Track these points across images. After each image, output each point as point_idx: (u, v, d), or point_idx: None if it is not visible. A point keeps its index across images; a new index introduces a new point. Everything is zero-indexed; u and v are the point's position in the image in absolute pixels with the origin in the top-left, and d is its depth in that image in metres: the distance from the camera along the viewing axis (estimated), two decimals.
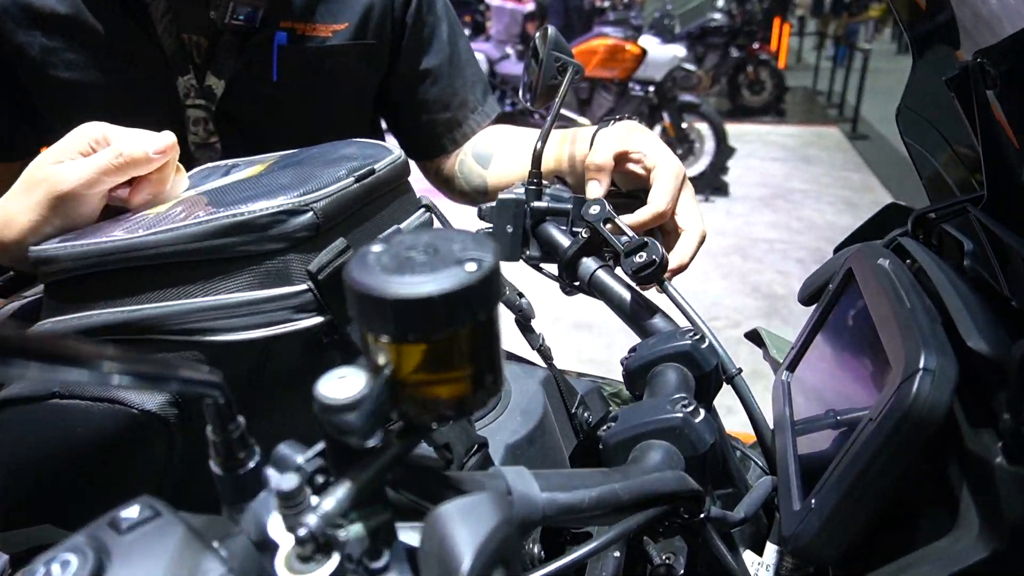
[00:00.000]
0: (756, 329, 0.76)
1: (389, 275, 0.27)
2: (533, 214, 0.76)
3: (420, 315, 0.26)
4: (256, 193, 0.48)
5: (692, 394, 0.54)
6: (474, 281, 0.27)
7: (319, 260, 0.45)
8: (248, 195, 0.48)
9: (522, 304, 0.63)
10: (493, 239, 0.79)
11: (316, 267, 0.44)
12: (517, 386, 0.61)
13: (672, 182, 0.69)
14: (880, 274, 0.47)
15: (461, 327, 0.28)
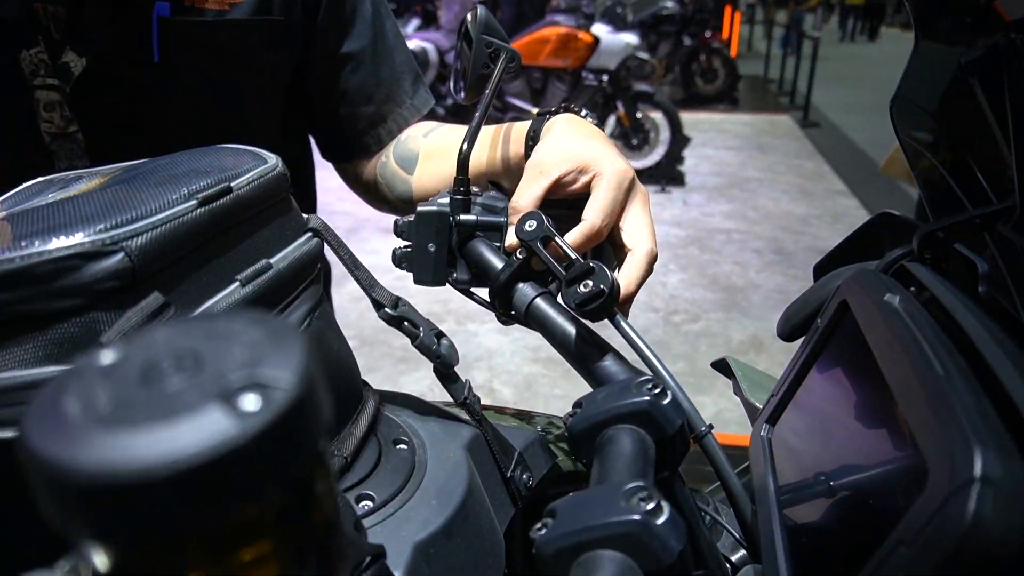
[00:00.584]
0: (724, 359, 0.65)
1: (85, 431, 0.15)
2: (460, 229, 0.64)
3: (131, 510, 0.14)
4: (51, 226, 0.34)
5: (652, 465, 0.42)
6: (251, 436, 0.15)
7: (121, 326, 0.31)
8: (39, 228, 0.34)
9: (441, 348, 0.50)
10: None
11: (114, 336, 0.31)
12: (434, 454, 0.48)
13: (611, 194, 0.58)
14: (890, 317, 0.36)
15: (231, 515, 0.15)
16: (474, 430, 0.52)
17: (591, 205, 0.57)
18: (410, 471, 0.46)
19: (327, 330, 0.46)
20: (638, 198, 0.60)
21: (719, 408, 2.64)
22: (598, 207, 0.57)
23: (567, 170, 0.59)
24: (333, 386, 0.46)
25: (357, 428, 0.47)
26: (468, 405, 0.51)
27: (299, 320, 0.43)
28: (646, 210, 0.60)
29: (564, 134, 0.64)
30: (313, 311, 0.45)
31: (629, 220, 0.58)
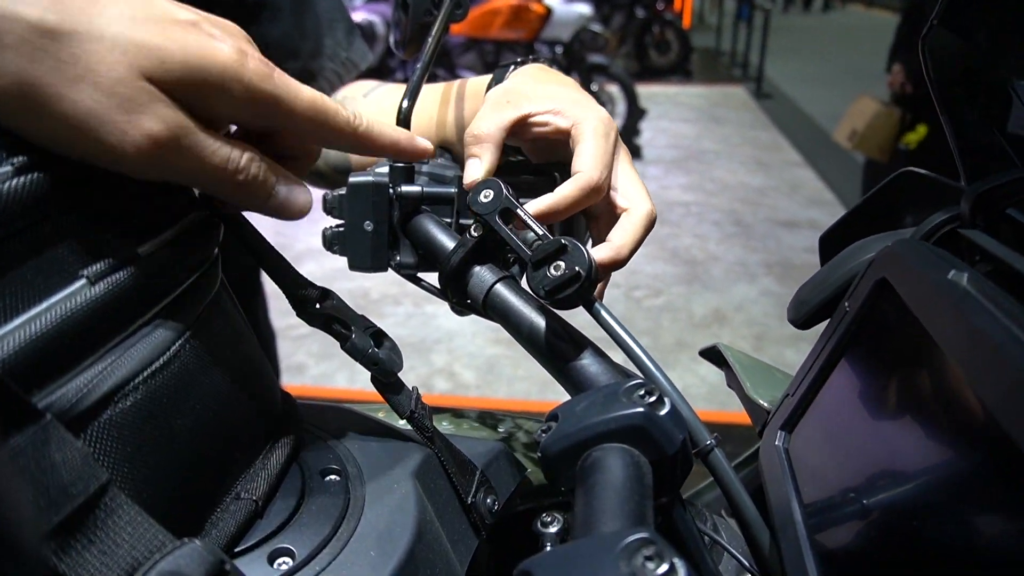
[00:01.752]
0: (716, 346, 0.56)
1: None
2: (402, 203, 0.53)
3: None
4: None
5: (650, 498, 0.33)
6: None
7: None
8: None
9: (380, 352, 0.40)
10: None
11: None
12: (376, 485, 0.38)
13: (601, 142, 0.48)
14: (968, 305, 0.27)
15: None
16: (425, 450, 0.42)
17: (582, 154, 0.47)
18: (342, 513, 0.36)
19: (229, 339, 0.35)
20: (623, 154, 0.51)
21: (685, 384, 2.60)
22: (591, 156, 0.47)
23: (540, 108, 0.49)
24: (237, 410, 0.35)
25: (272, 459, 0.37)
26: (416, 420, 0.41)
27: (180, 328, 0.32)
28: (634, 168, 0.50)
29: (535, 76, 0.54)
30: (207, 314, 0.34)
31: (621, 178, 0.49)
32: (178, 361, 0.31)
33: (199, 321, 0.33)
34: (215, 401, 0.33)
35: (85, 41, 0.27)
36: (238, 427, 0.35)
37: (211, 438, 0.33)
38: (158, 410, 0.30)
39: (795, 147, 5.49)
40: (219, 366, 0.34)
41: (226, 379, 0.34)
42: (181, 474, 0.31)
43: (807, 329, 0.42)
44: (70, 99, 0.27)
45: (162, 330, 0.31)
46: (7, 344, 0.25)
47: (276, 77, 0.32)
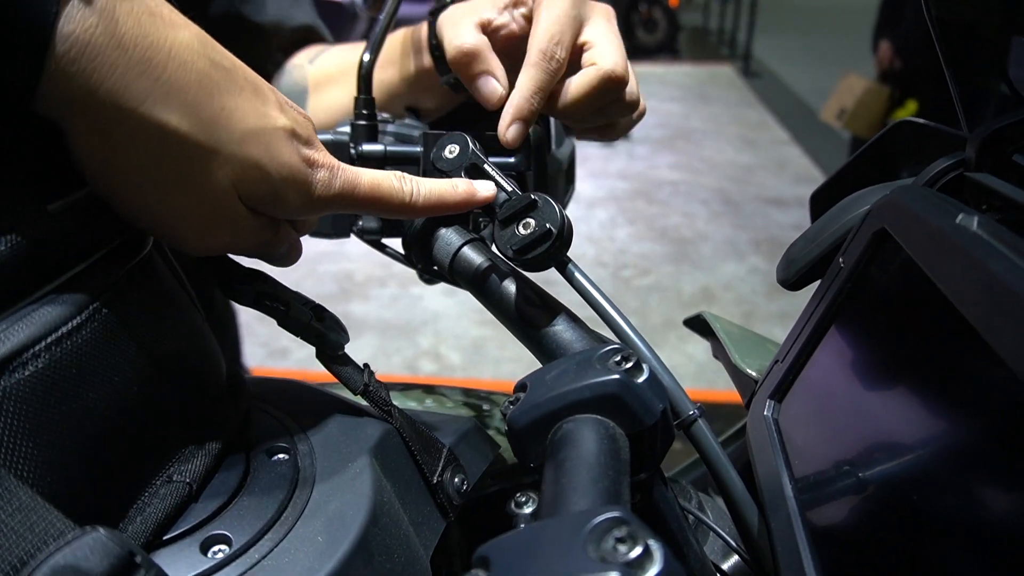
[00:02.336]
0: (700, 314, 0.53)
1: None
2: (364, 164, 0.49)
3: None
4: None
5: (627, 473, 0.30)
6: None
7: None
8: None
9: (321, 327, 0.36)
10: None
11: None
12: (327, 465, 0.35)
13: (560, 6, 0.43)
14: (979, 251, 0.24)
15: None
16: (385, 426, 0.39)
17: (536, 29, 0.43)
18: (288, 494, 0.33)
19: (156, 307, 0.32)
20: (598, 10, 0.46)
21: (672, 363, 2.58)
22: (546, 24, 0.42)
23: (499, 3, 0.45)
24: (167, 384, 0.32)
25: (212, 440, 0.34)
26: (372, 394, 0.38)
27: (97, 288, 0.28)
28: (611, 25, 0.45)
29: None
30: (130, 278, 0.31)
31: (589, 33, 0.44)
32: (89, 328, 0.27)
33: (119, 287, 0.30)
34: (137, 375, 0.30)
35: (203, 154, 0.29)
36: (168, 404, 0.32)
37: (133, 415, 0.29)
38: (65, 382, 0.26)
39: (782, 125, 5.46)
40: (143, 337, 0.30)
41: (152, 352, 0.31)
42: (96, 454, 0.28)
43: (798, 290, 0.39)
44: (165, 201, 0.29)
45: (72, 294, 0.27)
46: None
47: (339, 180, 0.33)
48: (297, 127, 0.33)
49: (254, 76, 0.32)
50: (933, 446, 0.28)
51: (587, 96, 0.43)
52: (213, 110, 0.28)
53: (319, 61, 0.65)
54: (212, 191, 0.29)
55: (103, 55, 0.25)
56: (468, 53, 0.44)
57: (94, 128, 0.26)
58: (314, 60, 0.65)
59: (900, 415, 0.30)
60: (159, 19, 0.27)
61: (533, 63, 0.42)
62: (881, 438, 0.31)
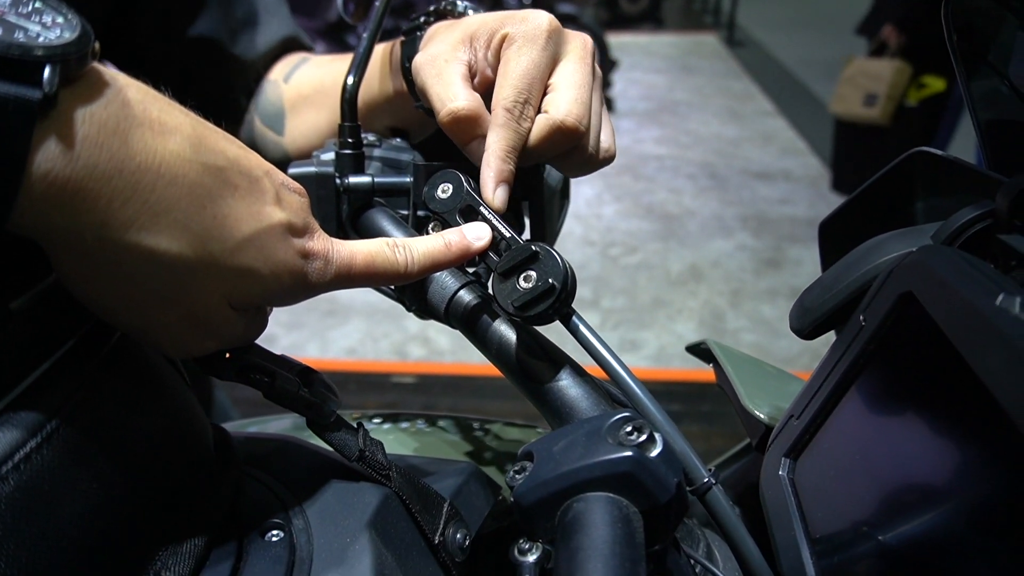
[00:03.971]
0: (704, 343, 0.51)
1: None
2: (352, 196, 0.47)
3: None
4: None
5: (642, 556, 0.29)
6: None
7: None
8: None
9: (310, 396, 0.34)
10: None
11: None
12: (325, 540, 0.33)
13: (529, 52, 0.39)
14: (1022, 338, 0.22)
15: None
16: (383, 491, 0.37)
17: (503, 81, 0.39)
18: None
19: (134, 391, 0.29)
20: (573, 46, 0.42)
21: (662, 344, 2.58)
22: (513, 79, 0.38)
23: (480, 34, 0.41)
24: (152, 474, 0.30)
25: (202, 523, 0.32)
26: (368, 460, 0.36)
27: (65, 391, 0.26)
28: (582, 65, 0.41)
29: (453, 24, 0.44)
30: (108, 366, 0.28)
31: (557, 75, 0.40)
32: (60, 437, 0.25)
33: (91, 382, 0.27)
34: (120, 475, 0.27)
35: (194, 271, 0.27)
36: (156, 495, 0.30)
37: (120, 516, 0.27)
38: (36, 502, 0.24)
39: (768, 96, 5.43)
40: (122, 432, 0.28)
41: (134, 446, 0.28)
42: (78, 568, 0.25)
43: (812, 340, 0.37)
44: (149, 315, 0.27)
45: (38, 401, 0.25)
46: None
47: (333, 267, 0.32)
48: (293, 217, 0.30)
49: (249, 165, 0.29)
50: (955, 515, 0.27)
51: (536, 147, 0.39)
52: (205, 222, 0.26)
53: (294, 78, 0.61)
54: (203, 303, 0.28)
55: (85, 189, 0.22)
56: (464, 119, 0.39)
57: (75, 253, 0.24)
58: (289, 77, 0.62)
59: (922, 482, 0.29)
60: (148, 130, 0.24)
61: (501, 124, 0.38)
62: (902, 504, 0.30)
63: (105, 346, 0.28)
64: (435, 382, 2.44)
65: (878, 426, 0.31)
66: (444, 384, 2.43)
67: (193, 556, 0.30)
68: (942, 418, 0.29)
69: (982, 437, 0.26)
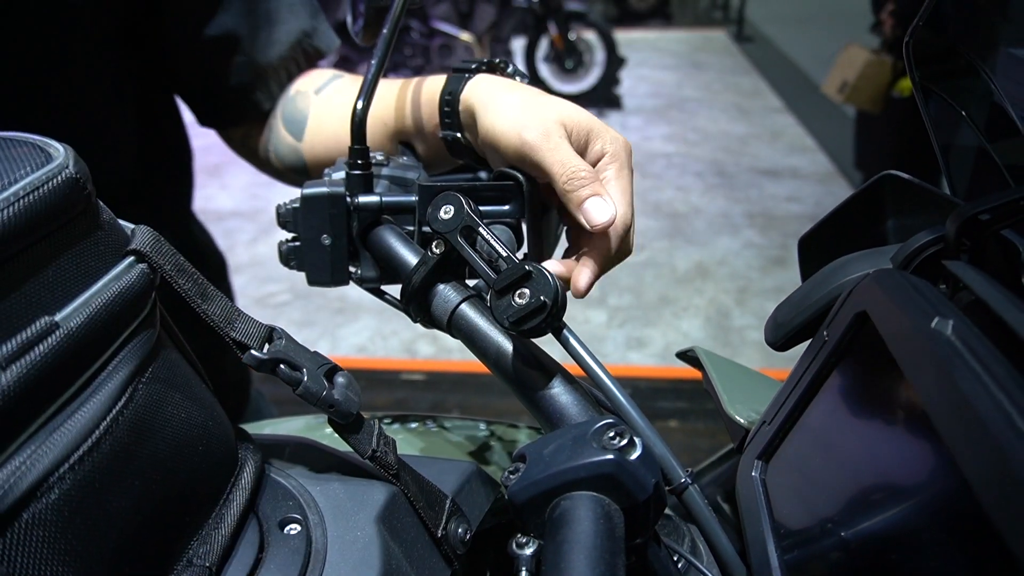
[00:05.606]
0: (693, 349, 0.55)
1: None
2: (361, 215, 0.50)
3: None
4: None
5: (622, 548, 0.32)
6: None
7: None
8: None
9: (334, 392, 0.38)
10: None
11: None
12: (338, 532, 0.37)
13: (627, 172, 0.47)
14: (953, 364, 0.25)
15: None
16: (390, 488, 0.40)
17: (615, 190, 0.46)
18: (304, 566, 0.35)
19: (167, 395, 0.33)
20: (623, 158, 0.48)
21: (668, 341, 2.61)
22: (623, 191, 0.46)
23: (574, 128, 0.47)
24: (183, 470, 0.33)
25: (227, 515, 0.35)
26: (379, 459, 0.39)
27: (110, 399, 0.30)
28: (629, 174, 0.48)
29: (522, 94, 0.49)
30: (141, 372, 0.32)
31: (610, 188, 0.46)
32: (111, 438, 0.29)
33: (134, 385, 0.31)
34: (158, 471, 0.31)
35: None
36: (186, 490, 0.33)
37: (155, 510, 0.31)
38: (90, 497, 0.28)
39: (776, 92, 5.42)
40: (161, 431, 0.32)
41: (172, 441, 0.32)
42: (123, 555, 0.29)
43: (784, 351, 0.40)
44: None
45: (91, 404, 0.29)
46: None
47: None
48: None
49: None
50: (903, 512, 0.30)
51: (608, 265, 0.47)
52: None
53: (326, 92, 0.66)
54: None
55: None
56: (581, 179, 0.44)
57: None
58: (320, 91, 0.66)
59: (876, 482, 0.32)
60: None
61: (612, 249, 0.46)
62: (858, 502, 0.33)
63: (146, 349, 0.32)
64: (443, 379, 2.48)
65: (837, 432, 0.35)
66: (452, 381, 2.47)
67: (220, 547, 0.34)
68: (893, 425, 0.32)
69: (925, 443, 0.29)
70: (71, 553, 0.27)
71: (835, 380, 0.35)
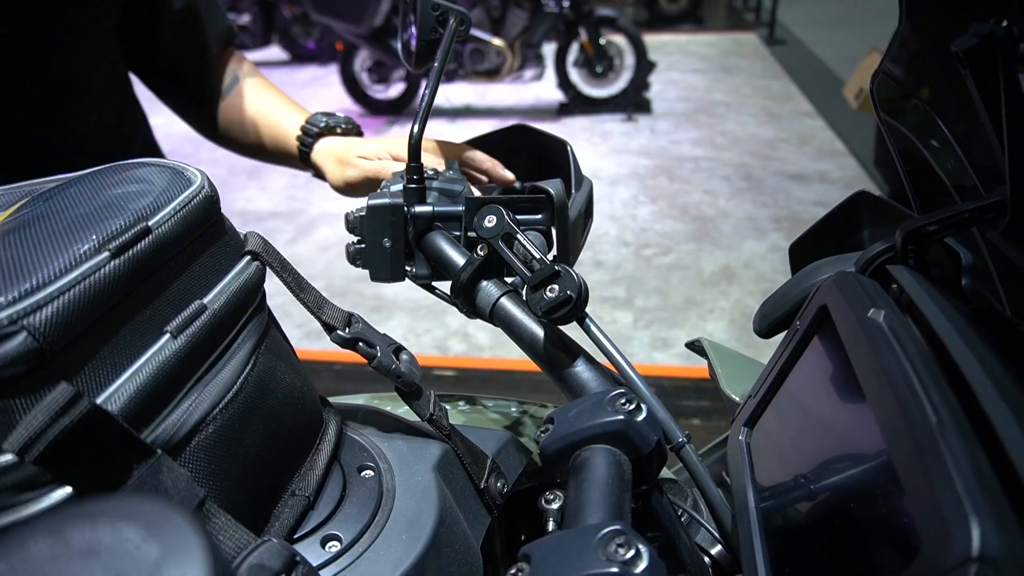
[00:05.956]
0: (699, 340, 0.63)
1: None
2: (415, 223, 0.60)
3: None
4: None
5: (629, 489, 0.41)
6: None
7: (24, 430, 0.28)
8: None
9: (401, 366, 0.47)
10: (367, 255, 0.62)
11: (19, 442, 0.27)
12: (404, 477, 0.46)
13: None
14: (876, 341, 0.33)
15: None
16: (443, 446, 0.50)
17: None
18: (378, 502, 0.44)
19: (277, 363, 0.43)
20: None
21: None
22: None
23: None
24: (288, 421, 0.43)
25: (319, 459, 0.45)
26: (435, 421, 0.49)
27: (243, 362, 0.39)
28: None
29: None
30: (259, 346, 0.42)
31: None
32: (244, 392, 0.39)
33: (256, 355, 0.41)
34: (273, 419, 0.41)
35: None
36: (292, 436, 0.43)
37: (272, 448, 0.41)
38: (232, 433, 0.37)
39: (806, 96, 5.43)
40: (275, 389, 0.41)
41: (281, 398, 0.42)
42: (252, 481, 0.39)
43: (769, 338, 0.49)
44: None
45: (230, 366, 0.38)
46: (119, 397, 0.32)
47: None
48: None
49: None
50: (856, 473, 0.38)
51: None
52: None
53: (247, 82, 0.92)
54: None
55: None
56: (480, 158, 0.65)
57: None
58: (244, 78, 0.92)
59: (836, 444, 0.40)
60: None
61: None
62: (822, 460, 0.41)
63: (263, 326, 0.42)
64: (474, 375, 2.58)
65: (805, 402, 0.43)
66: (483, 378, 2.57)
67: (315, 484, 0.43)
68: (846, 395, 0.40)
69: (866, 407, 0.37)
70: (220, 472, 0.36)
71: (804, 360, 0.43)
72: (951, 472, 0.26)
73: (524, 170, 0.78)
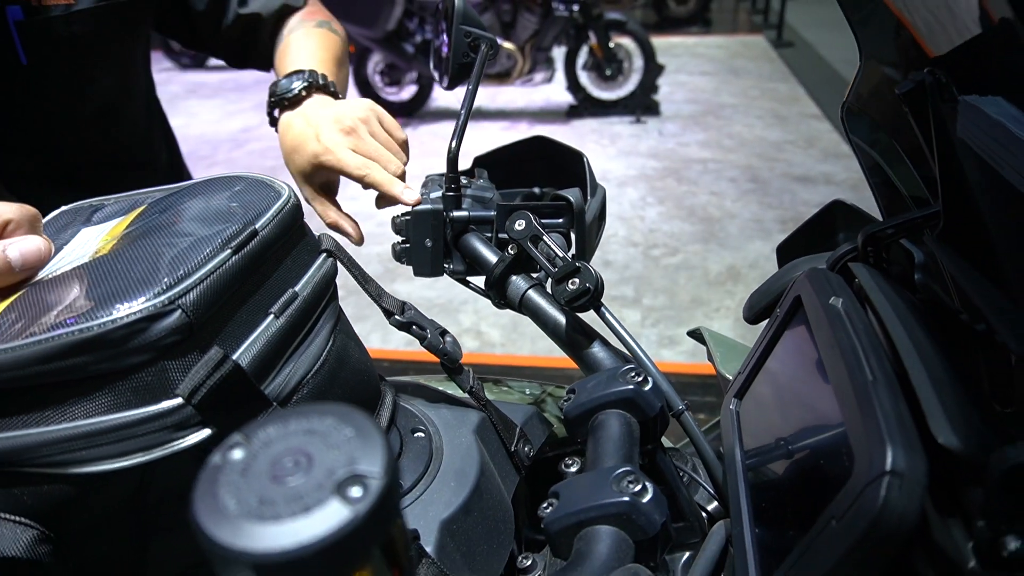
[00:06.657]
0: (699, 329, 0.72)
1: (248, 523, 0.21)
2: (453, 226, 0.69)
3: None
4: (109, 291, 0.39)
5: (637, 444, 0.50)
6: (361, 518, 0.21)
7: (191, 381, 0.37)
8: (99, 293, 0.39)
9: (446, 345, 0.57)
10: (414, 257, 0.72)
11: (188, 390, 0.37)
12: (449, 439, 0.56)
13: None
14: (834, 321, 0.42)
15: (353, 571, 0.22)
16: (480, 414, 0.59)
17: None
18: (429, 457, 0.54)
19: (348, 341, 0.52)
20: None
21: None
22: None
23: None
24: (358, 389, 0.52)
25: (380, 422, 0.54)
26: (474, 393, 0.58)
27: (325, 339, 0.49)
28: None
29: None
30: (336, 327, 0.51)
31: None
32: (328, 363, 0.48)
33: (334, 334, 0.50)
34: (348, 386, 0.50)
35: None
36: (361, 402, 0.52)
37: None
38: (320, 395, 0.47)
39: (813, 98, 5.49)
40: (348, 362, 0.51)
41: (352, 370, 0.51)
42: None
43: (755, 324, 0.58)
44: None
45: (316, 342, 0.48)
46: (245, 359, 0.42)
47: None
48: None
49: None
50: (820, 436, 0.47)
51: None
52: None
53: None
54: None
55: None
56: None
57: None
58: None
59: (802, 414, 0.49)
60: None
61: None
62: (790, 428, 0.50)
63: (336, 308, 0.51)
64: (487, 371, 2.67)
65: (784, 376, 0.52)
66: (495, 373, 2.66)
67: None
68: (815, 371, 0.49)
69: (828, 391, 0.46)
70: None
71: (782, 342, 0.52)
72: (878, 414, 0.35)
73: (541, 176, 0.87)
